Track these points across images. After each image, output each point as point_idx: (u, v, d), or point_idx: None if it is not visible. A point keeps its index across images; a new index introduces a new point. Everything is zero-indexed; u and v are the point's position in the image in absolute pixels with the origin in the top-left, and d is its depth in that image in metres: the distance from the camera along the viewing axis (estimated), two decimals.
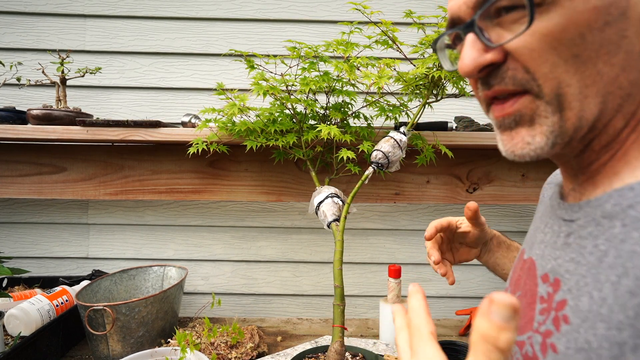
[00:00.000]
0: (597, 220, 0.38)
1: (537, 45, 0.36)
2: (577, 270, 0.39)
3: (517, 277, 0.51)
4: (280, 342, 1.18)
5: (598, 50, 0.35)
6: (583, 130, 0.38)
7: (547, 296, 0.42)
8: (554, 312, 0.40)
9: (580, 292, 0.38)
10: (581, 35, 0.35)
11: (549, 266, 0.43)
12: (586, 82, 0.36)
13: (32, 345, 0.94)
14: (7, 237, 1.39)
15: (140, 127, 1.10)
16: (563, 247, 0.42)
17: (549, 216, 0.48)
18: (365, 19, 0.97)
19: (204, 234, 1.40)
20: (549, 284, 0.42)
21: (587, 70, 0.36)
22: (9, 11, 1.34)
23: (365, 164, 1.01)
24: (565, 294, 0.40)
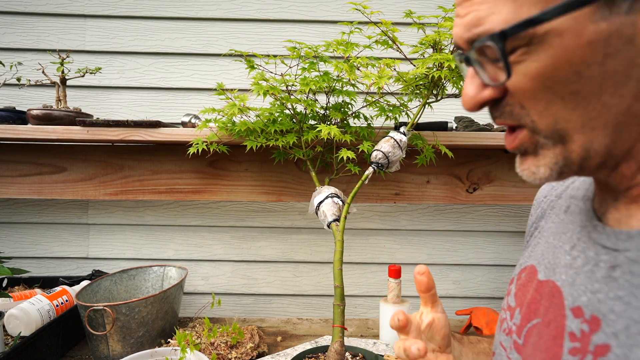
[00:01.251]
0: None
1: (530, 86, 0.35)
2: (627, 312, 0.34)
3: (531, 299, 0.46)
4: (280, 342, 1.18)
5: (601, 84, 0.33)
6: (595, 159, 0.36)
7: (580, 334, 0.38)
8: (590, 356, 0.36)
9: (633, 341, 0.33)
10: (577, 73, 0.33)
11: (584, 299, 0.38)
12: (590, 115, 0.34)
13: (32, 345, 0.94)
14: (7, 237, 1.39)
15: (140, 127, 1.10)
16: (605, 281, 0.37)
17: (577, 237, 0.43)
18: (365, 19, 0.97)
19: (204, 234, 1.40)
20: (584, 320, 0.38)
21: (590, 105, 0.33)
22: (9, 11, 1.34)
23: (365, 164, 1.01)
24: (608, 337, 0.35)
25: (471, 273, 1.42)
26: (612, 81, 0.32)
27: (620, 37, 0.31)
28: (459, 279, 1.42)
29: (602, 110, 0.33)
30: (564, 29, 0.32)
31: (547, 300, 0.43)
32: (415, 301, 1.43)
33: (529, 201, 1.29)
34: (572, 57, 0.32)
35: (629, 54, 0.32)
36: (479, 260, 1.41)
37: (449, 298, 1.43)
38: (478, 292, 1.43)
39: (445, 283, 1.43)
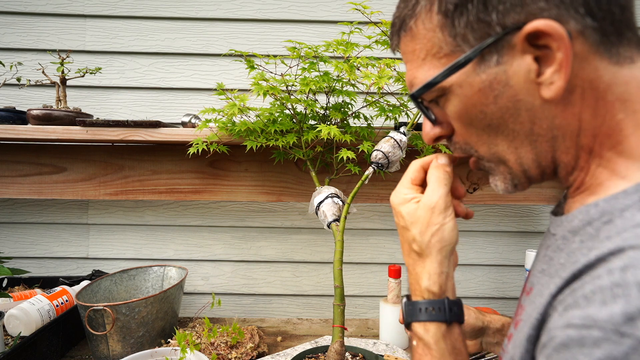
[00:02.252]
0: (565, 235, 0.41)
1: (459, 124, 0.45)
2: (541, 280, 0.42)
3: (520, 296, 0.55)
4: (280, 342, 1.18)
5: (502, 117, 0.41)
6: (532, 170, 0.44)
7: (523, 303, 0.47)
8: (515, 317, 0.46)
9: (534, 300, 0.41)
10: (482, 111, 0.42)
11: (532, 278, 0.47)
12: (508, 139, 0.42)
13: (32, 345, 0.94)
14: (7, 237, 1.39)
15: (140, 127, 1.10)
16: (541, 259, 0.46)
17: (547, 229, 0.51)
18: (365, 19, 0.97)
19: (204, 234, 1.40)
20: (526, 292, 0.47)
21: (504, 133, 0.42)
22: (9, 11, 1.34)
23: (365, 164, 1.01)
24: (526, 300, 0.44)
25: (471, 273, 1.42)
26: (509, 114, 0.41)
27: (499, 82, 0.40)
28: (459, 279, 1.42)
29: (514, 135, 0.42)
30: (460, 82, 0.42)
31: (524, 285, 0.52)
32: None
33: (529, 201, 1.29)
34: (473, 100, 0.42)
35: (510, 92, 0.40)
36: (479, 260, 1.41)
37: None
38: (478, 292, 1.43)
39: None
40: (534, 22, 0.36)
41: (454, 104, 0.43)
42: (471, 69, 0.41)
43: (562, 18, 0.37)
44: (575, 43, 0.37)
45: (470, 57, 0.40)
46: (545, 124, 0.40)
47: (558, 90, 0.38)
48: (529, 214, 1.42)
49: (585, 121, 0.40)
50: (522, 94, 0.40)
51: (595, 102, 0.39)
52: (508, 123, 0.41)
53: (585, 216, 0.39)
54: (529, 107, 0.40)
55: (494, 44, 0.39)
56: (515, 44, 0.38)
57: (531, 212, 1.42)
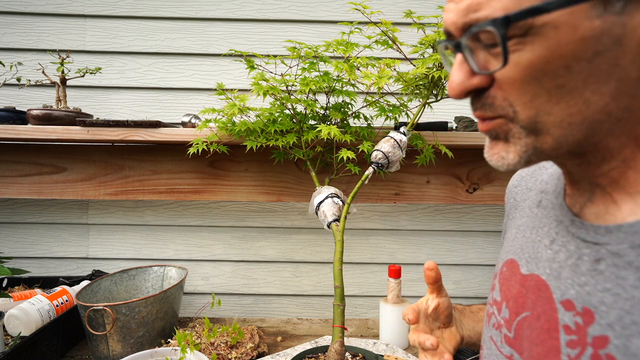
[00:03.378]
0: (637, 249, 0.35)
1: (519, 76, 0.35)
2: (618, 303, 0.36)
3: (517, 293, 0.47)
4: (280, 342, 1.18)
5: (586, 80, 0.34)
6: (562, 149, 0.37)
7: (575, 327, 0.39)
8: (590, 349, 0.37)
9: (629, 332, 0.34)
10: (566, 67, 0.34)
11: (572, 292, 0.39)
12: (570, 111, 0.35)
13: (32, 345, 0.94)
14: (7, 237, 1.39)
15: (140, 127, 1.10)
16: (591, 274, 0.38)
17: (555, 231, 0.44)
18: (365, 19, 0.97)
19: (204, 234, 1.40)
20: (576, 312, 0.39)
21: (573, 100, 0.34)
22: (9, 11, 1.34)
23: (365, 164, 1.01)
24: (604, 329, 0.36)
25: (471, 273, 1.42)
26: (596, 79, 0.33)
27: (610, 36, 0.32)
28: (459, 279, 1.42)
29: (582, 107, 0.34)
30: (561, 22, 0.32)
31: (533, 293, 0.44)
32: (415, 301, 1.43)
33: None
34: (564, 50, 0.33)
35: (616, 53, 0.33)
36: (479, 260, 1.41)
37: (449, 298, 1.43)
38: (478, 292, 1.43)
39: (445, 283, 1.42)
40: None
41: (535, 49, 0.34)
42: (586, 9, 0.32)
43: None
44: None
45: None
46: (624, 103, 0.34)
47: None
48: None
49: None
50: (626, 60, 0.33)
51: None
52: (586, 90, 0.34)
53: None
54: (623, 77, 0.33)
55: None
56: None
57: None
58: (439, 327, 0.66)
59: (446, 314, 0.64)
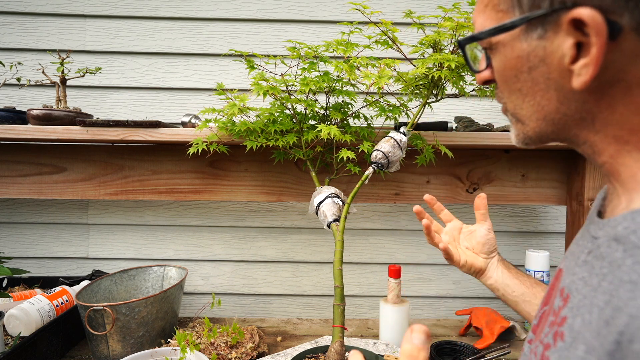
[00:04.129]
0: (609, 242, 0.39)
1: (497, 78, 0.46)
2: (583, 289, 0.40)
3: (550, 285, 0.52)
4: (280, 342, 1.18)
5: (533, 88, 0.42)
6: (546, 138, 0.45)
7: (557, 310, 0.44)
8: (556, 327, 0.43)
9: (578, 312, 0.39)
10: (516, 76, 0.43)
11: (568, 280, 0.44)
12: (533, 109, 0.43)
13: (32, 345, 0.94)
14: (7, 237, 1.39)
15: (140, 127, 1.10)
16: (582, 264, 0.43)
17: (585, 229, 0.49)
18: (365, 19, 0.97)
19: (204, 234, 1.40)
20: (562, 298, 0.44)
21: (531, 101, 0.43)
22: (9, 11, 1.34)
23: (365, 164, 1.01)
24: (568, 310, 0.41)
25: None
26: (538, 87, 0.42)
27: (536, 56, 0.40)
28: (459, 279, 1.42)
29: (538, 107, 0.43)
30: (505, 42, 0.42)
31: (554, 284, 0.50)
32: (415, 301, 1.43)
33: (529, 201, 1.29)
34: (510, 63, 0.43)
35: (543, 69, 0.40)
36: None
37: (449, 298, 1.43)
38: (478, 292, 1.43)
39: (445, 283, 1.43)
40: (580, 9, 0.35)
41: (497, 59, 0.45)
42: (516, 34, 0.41)
43: (616, 10, 0.35)
44: (626, 39, 0.36)
45: (515, 24, 0.40)
46: (574, 106, 0.41)
47: (583, 84, 0.37)
48: (529, 214, 1.42)
49: (624, 115, 0.39)
50: (555, 75, 0.40)
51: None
52: (536, 95, 0.42)
53: (631, 223, 0.37)
54: (559, 87, 0.40)
55: (542, 17, 0.39)
56: (561, 23, 0.38)
57: (531, 212, 1.42)
58: (467, 248, 0.81)
59: (479, 241, 0.79)
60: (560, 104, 0.41)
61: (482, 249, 0.79)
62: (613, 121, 0.40)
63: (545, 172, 1.28)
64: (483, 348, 1.10)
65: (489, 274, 0.78)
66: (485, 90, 1.03)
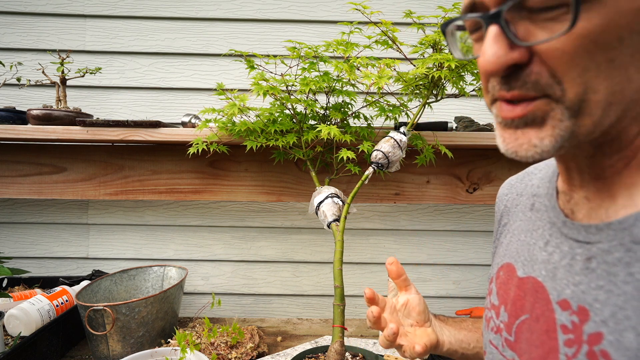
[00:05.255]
0: (626, 245, 0.35)
1: (571, 48, 0.33)
2: (610, 300, 0.36)
3: (515, 296, 0.47)
4: (280, 342, 1.18)
5: (633, 55, 0.33)
6: (595, 134, 0.36)
7: (572, 326, 0.39)
8: (586, 346, 0.37)
9: (622, 326, 0.35)
10: (620, 39, 0.32)
11: (568, 292, 0.40)
12: (614, 88, 0.33)
13: (32, 345, 0.94)
14: (7, 237, 1.39)
15: (140, 127, 1.10)
16: (584, 272, 0.39)
17: (548, 233, 0.45)
18: (365, 19, 0.97)
19: (204, 234, 1.40)
20: (572, 312, 0.39)
21: (618, 77, 0.33)
22: (9, 11, 1.34)
23: (365, 164, 1.01)
24: (598, 326, 0.36)
25: (471, 273, 1.42)
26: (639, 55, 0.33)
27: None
28: (459, 279, 1.42)
29: (624, 85, 0.33)
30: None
31: (531, 296, 0.44)
32: None
33: None
34: (621, 20, 0.32)
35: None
36: (479, 260, 1.41)
37: (449, 298, 1.43)
38: (478, 292, 1.43)
39: (445, 283, 1.43)
40: None
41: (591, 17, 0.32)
42: None
43: None
44: None
45: None
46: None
47: None
48: None
49: None
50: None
51: None
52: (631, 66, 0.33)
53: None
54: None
55: None
56: None
57: None
58: (411, 325, 0.63)
59: (417, 310, 0.63)
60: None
61: (423, 317, 0.63)
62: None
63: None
64: None
65: (440, 339, 0.62)
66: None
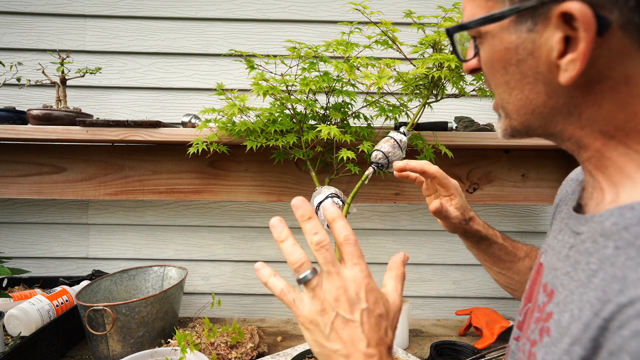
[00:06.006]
0: (594, 237, 0.39)
1: (484, 69, 0.45)
2: (569, 285, 0.40)
3: (532, 280, 0.52)
4: (280, 342, 1.18)
5: (521, 81, 0.41)
6: (535, 131, 0.44)
7: (542, 305, 0.44)
8: (542, 323, 0.42)
9: (565, 308, 0.39)
10: (504, 67, 0.42)
11: (550, 276, 0.45)
12: (520, 103, 0.42)
13: (32, 345, 0.94)
14: (7, 237, 1.39)
15: (140, 127, 1.10)
16: (564, 259, 0.43)
17: (564, 224, 0.48)
18: (365, 19, 0.97)
19: (204, 234, 1.40)
20: (546, 294, 0.44)
21: (519, 94, 0.42)
22: (9, 11, 1.34)
23: (365, 164, 1.00)
24: (554, 306, 0.41)
25: (471, 273, 1.42)
26: (527, 80, 0.41)
27: (524, 49, 0.40)
28: (459, 279, 1.42)
29: (526, 101, 0.42)
30: (494, 33, 0.41)
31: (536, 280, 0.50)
32: (415, 301, 1.43)
33: (528, 201, 1.29)
34: (498, 55, 0.42)
35: (532, 63, 0.40)
36: None
37: (449, 298, 1.43)
38: (478, 292, 1.43)
39: (445, 283, 1.43)
40: (570, 2, 0.35)
41: (485, 50, 0.43)
42: (506, 25, 0.40)
43: (606, 5, 0.34)
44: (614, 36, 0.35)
45: (505, 14, 0.39)
46: (562, 101, 0.40)
47: (570, 79, 0.37)
48: (529, 214, 1.42)
49: (610, 111, 0.39)
50: (543, 69, 0.39)
51: (631, 99, 0.37)
52: (524, 89, 0.41)
53: (619, 219, 0.37)
54: (547, 81, 0.40)
55: (531, 9, 0.38)
56: (551, 16, 0.37)
57: (531, 212, 1.42)
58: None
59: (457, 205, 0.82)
60: (548, 98, 0.41)
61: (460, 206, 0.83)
62: (599, 117, 0.39)
63: (546, 172, 1.28)
64: (483, 348, 1.10)
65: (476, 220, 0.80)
66: (486, 90, 1.03)
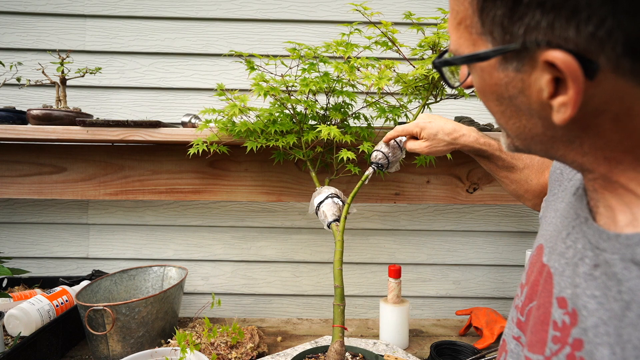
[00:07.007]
0: (625, 263, 0.36)
1: (478, 94, 0.44)
2: (598, 312, 0.37)
3: (534, 280, 0.49)
4: (280, 342, 1.18)
5: (517, 113, 0.40)
6: (538, 153, 0.43)
7: (561, 325, 0.41)
8: (569, 348, 0.39)
9: (600, 341, 0.36)
10: (498, 99, 0.41)
11: (569, 292, 0.41)
12: (519, 130, 0.41)
13: (32, 345, 0.94)
14: (7, 237, 1.39)
15: (140, 127, 1.10)
16: (586, 278, 0.40)
17: (572, 225, 0.45)
18: (365, 20, 0.97)
19: (204, 234, 1.40)
20: (566, 312, 0.41)
21: (516, 124, 0.41)
22: (9, 11, 1.34)
23: (365, 164, 1.01)
24: (581, 333, 0.38)
25: (471, 273, 1.42)
26: (522, 113, 0.39)
27: (515, 87, 0.38)
28: (459, 279, 1.43)
29: (524, 130, 0.41)
30: (482, 67, 0.40)
31: (543, 282, 0.47)
32: (415, 301, 1.43)
33: None
34: (490, 89, 0.40)
35: (524, 99, 0.38)
36: (479, 260, 1.42)
37: (449, 298, 1.43)
38: (478, 292, 1.43)
39: (445, 283, 1.43)
40: (553, 51, 0.33)
41: (475, 79, 0.42)
42: (493, 63, 0.39)
43: (592, 52, 0.33)
44: (606, 77, 0.34)
45: (489, 55, 0.38)
46: (561, 132, 0.39)
47: (563, 121, 0.36)
48: (529, 214, 1.42)
49: (614, 140, 0.37)
50: (536, 106, 0.38)
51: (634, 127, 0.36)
52: (522, 119, 0.40)
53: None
54: (542, 116, 0.38)
55: (516, 51, 0.36)
56: (537, 58, 0.35)
57: (531, 212, 1.42)
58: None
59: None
60: (546, 129, 0.39)
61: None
62: (602, 145, 0.38)
63: None
64: (483, 348, 1.10)
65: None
66: None
